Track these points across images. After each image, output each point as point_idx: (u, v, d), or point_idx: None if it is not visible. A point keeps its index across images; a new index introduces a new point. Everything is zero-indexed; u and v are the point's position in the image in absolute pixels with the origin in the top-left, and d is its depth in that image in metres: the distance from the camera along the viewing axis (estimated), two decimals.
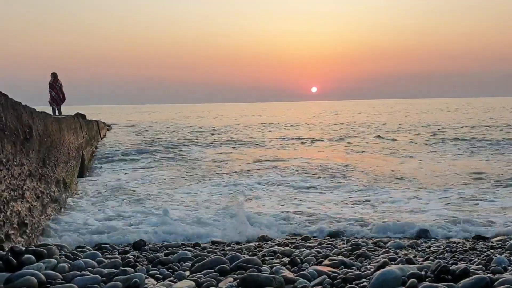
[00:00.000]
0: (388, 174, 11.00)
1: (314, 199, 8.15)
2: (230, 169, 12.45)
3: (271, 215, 6.69)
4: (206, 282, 2.88)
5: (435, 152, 15.79)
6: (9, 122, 4.21)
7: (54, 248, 3.42)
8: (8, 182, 3.99)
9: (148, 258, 3.84)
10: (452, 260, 3.92)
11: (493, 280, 2.65)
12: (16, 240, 3.96)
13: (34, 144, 5.19)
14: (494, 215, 6.51)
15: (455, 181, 9.82)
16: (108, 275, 2.97)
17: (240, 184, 9.80)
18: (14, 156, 4.26)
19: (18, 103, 4.67)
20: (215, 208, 7.23)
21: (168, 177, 11.09)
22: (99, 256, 3.57)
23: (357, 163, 13.05)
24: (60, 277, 2.84)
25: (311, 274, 3.14)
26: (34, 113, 5.42)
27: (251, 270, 3.07)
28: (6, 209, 3.84)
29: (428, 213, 6.84)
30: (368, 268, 3.45)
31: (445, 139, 20.28)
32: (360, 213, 6.96)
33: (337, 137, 23.13)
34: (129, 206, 7.46)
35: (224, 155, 16.17)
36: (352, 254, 4.15)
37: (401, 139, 21.13)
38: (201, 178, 10.80)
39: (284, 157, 15.15)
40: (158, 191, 9.00)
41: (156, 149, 17.79)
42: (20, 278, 2.63)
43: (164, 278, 3.11)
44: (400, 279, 2.76)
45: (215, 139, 23.05)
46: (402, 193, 8.62)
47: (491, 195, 8.12)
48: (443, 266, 2.82)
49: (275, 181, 10.26)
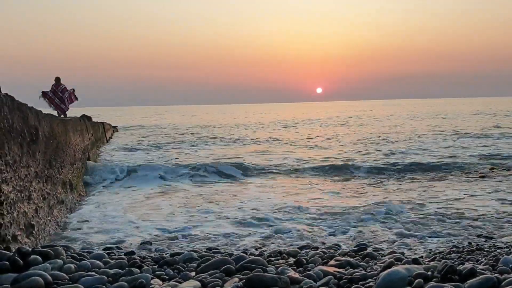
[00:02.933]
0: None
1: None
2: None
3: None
4: (211, 283, 2.87)
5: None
6: (15, 123, 4.24)
7: (61, 249, 3.43)
8: (15, 183, 4.02)
9: (154, 259, 3.85)
10: (459, 261, 3.89)
11: (501, 280, 2.63)
12: (22, 241, 3.99)
13: (40, 146, 5.22)
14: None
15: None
16: (114, 275, 2.98)
17: None
18: (20, 158, 4.29)
19: (24, 105, 4.71)
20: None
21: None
22: (105, 257, 3.58)
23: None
24: (66, 278, 2.85)
25: (317, 274, 3.13)
26: (40, 115, 5.46)
27: (256, 270, 3.07)
28: (13, 210, 3.86)
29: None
30: (374, 268, 3.44)
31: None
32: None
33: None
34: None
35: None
36: (358, 255, 4.14)
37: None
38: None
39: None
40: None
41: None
42: (27, 279, 2.64)
43: (170, 278, 3.11)
44: (407, 279, 2.75)
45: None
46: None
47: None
48: (450, 266, 2.80)
49: None
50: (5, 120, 3.91)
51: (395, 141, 18.46)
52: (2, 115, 3.85)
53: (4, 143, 3.82)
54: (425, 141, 18.01)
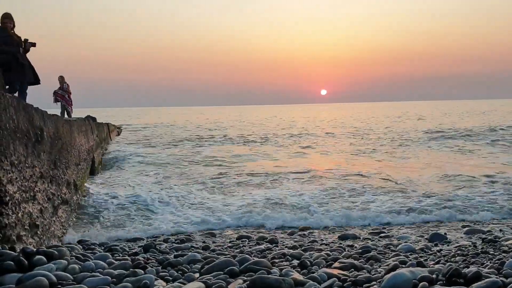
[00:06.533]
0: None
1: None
2: None
3: None
4: (215, 284, 2.87)
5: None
6: (21, 124, 4.26)
7: (65, 250, 3.44)
8: (19, 183, 4.03)
9: (158, 260, 3.85)
10: (463, 264, 3.87)
11: (506, 283, 2.61)
12: (27, 242, 4.00)
13: (45, 146, 5.24)
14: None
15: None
16: (118, 276, 2.99)
17: None
18: (25, 158, 4.31)
19: (29, 105, 4.73)
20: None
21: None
22: (109, 257, 3.59)
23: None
24: (70, 278, 2.86)
25: (320, 276, 3.12)
26: (45, 116, 5.48)
27: (260, 272, 3.07)
28: (18, 211, 3.88)
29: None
30: (379, 271, 3.42)
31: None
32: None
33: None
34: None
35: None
36: (362, 257, 4.13)
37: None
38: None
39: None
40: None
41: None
42: (32, 279, 2.65)
43: (173, 279, 3.12)
44: (411, 282, 2.73)
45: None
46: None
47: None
48: (454, 269, 2.79)
49: None
50: (10, 120, 3.93)
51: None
52: (8, 116, 3.87)
53: (9, 144, 3.83)
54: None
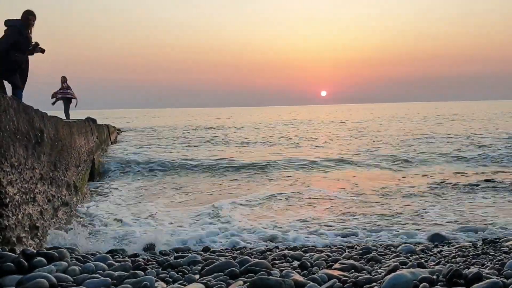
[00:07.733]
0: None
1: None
2: None
3: None
4: (216, 285, 2.87)
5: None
6: (21, 126, 4.26)
7: (65, 251, 3.44)
8: (20, 185, 4.03)
9: (158, 262, 3.85)
10: (464, 265, 3.87)
11: (506, 284, 2.61)
12: (27, 243, 4.00)
13: (45, 148, 5.24)
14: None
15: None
16: (118, 278, 2.98)
17: None
18: (25, 160, 4.31)
19: (29, 107, 4.73)
20: None
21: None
22: (109, 259, 3.59)
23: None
24: (71, 280, 2.85)
25: (321, 278, 3.12)
26: (46, 117, 5.48)
27: (261, 273, 3.06)
28: (18, 212, 3.88)
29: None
30: (379, 272, 3.42)
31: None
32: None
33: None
34: None
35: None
36: (362, 258, 4.12)
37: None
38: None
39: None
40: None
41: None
42: (32, 281, 2.65)
43: (174, 281, 3.11)
44: (412, 283, 2.73)
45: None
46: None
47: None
48: (455, 270, 2.78)
49: None
50: (10, 122, 3.93)
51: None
52: (8, 118, 3.87)
53: (9, 145, 3.83)
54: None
